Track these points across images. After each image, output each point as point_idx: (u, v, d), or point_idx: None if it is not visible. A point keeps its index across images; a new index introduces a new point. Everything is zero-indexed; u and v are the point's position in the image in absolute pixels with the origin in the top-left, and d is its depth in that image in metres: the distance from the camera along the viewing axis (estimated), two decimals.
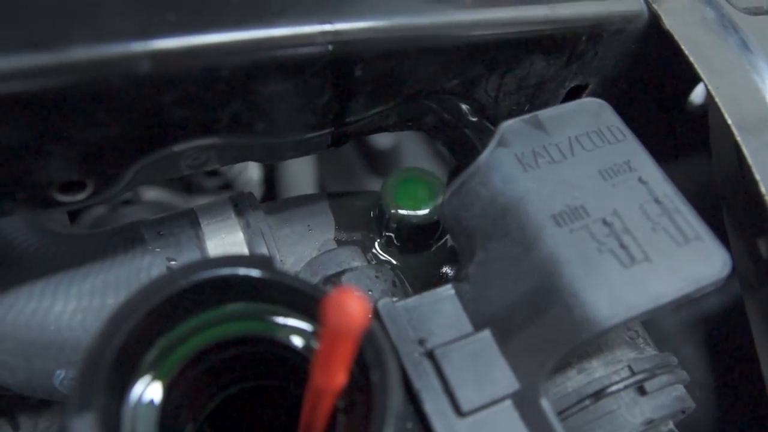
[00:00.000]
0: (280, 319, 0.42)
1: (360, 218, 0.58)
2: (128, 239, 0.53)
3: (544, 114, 0.49)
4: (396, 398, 0.37)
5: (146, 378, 0.39)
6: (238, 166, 0.95)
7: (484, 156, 0.47)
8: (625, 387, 0.48)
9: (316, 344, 0.41)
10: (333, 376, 0.35)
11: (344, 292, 0.30)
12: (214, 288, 0.40)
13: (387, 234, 0.56)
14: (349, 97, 0.47)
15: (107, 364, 0.36)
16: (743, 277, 0.59)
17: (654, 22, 0.54)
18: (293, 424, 0.48)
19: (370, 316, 0.32)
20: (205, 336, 0.41)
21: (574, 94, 0.57)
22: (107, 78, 0.38)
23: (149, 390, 0.39)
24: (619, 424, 0.47)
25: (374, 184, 1.04)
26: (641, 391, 0.48)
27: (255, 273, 0.39)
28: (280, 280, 0.39)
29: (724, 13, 0.56)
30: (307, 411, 0.39)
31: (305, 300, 0.40)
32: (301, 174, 1.01)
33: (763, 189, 0.50)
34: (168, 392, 0.39)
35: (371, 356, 0.38)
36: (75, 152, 0.41)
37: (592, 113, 0.50)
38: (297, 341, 0.41)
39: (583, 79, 0.56)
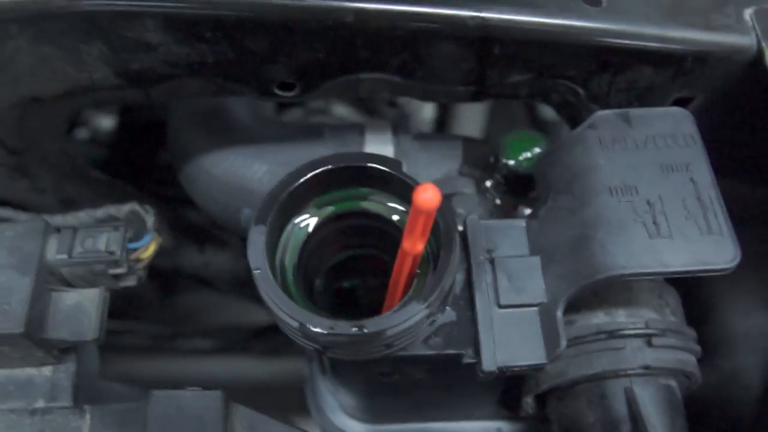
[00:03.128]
0: (391, 204, 0.66)
1: (482, 160, 0.81)
2: (313, 133, 0.81)
3: (634, 111, 0.68)
4: (451, 270, 0.60)
5: (302, 217, 0.66)
6: (415, 104, 1.21)
7: (574, 132, 0.68)
8: (636, 335, 0.67)
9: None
10: (414, 243, 0.58)
11: (429, 184, 0.53)
12: (354, 172, 0.65)
13: (497, 177, 0.79)
14: (487, 67, 0.69)
15: (279, 199, 0.63)
16: None
17: (760, 57, 0.69)
18: (384, 285, 0.73)
19: (440, 202, 0.54)
20: (342, 205, 0.67)
21: (681, 103, 0.74)
22: (324, 20, 0.64)
23: (303, 223, 0.65)
24: (621, 360, 0.67)
25: None
26: (648, 342, 0.67)
27: (382, 167, 0.64)
28: (398, 175, 0.63)
29: None
30: (395, 271, 0.63)
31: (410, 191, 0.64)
32: (467, 126, 1.24)
33: None
34: (314, 230, 0.66)
35: (445, 241, 0.61)
36: (294, 64, 0.67)
37: (674, 119, 0.68)
38: (397, 217, 0.66)
39: (689, 92, 0.73)
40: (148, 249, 0.73)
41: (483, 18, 0.65)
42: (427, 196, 0.52)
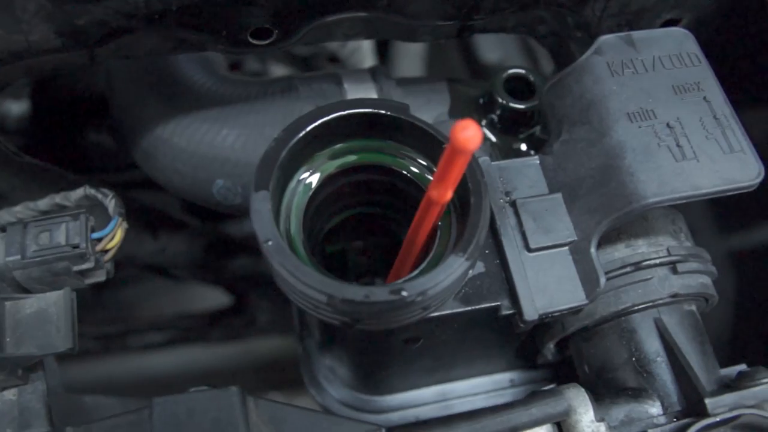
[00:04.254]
0: (405, 155, 0.59)
1: (470, 101, 0.75)
2: (285, 88, 0.72)
3: (637, 34, 0.64)
4: (485, 216, 0.54)
5: (304, 174, 0.58)
6: (356, 58, 1.14)
7: (581, 60, 0.63)
8: (661, 263, 0.64)
9: (428, 175, 0.59)
10: (444, 190, 0.52)
11: (468, 120, 0.47)
12: (361, 121, 0.57)
13: (491, 116, 0.73)
14: None
15: (280, 158, 0.55)
16: None
17: None
18: (385, 256, 0.66)
19: (481, 141, 0.48)
20: (350, 158, 0.59)
21: (669, 25, 0.72)
22: None
23: (308, 179, 0.57)
24: (650, 291, 0.64)
25: None
26: (674, 269, 0.64)
27: (395, 113, 0.57)
28: (413, 122, 0.57)
29: None
30: (416, 221, 0.56)
31: (428, 141, 0.57)
32: (408, 73, 1.18)
33: None
34: (318, 186, 0.58)
35: (473, 185, 0.55)
36: (274, 4, 0.59)
37: (677, 40, 0.65)
38: (413, 170, 0.59)
39: (678, 13, 0.70)
40: (114, 237, 0.63)
41: None
42: (469, 133, 0.46)
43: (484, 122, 0.74)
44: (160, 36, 0.61)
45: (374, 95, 0.72)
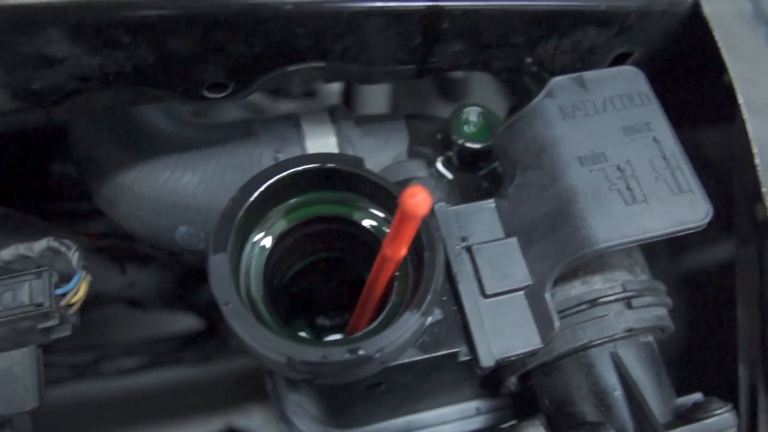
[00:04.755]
0: (361, 206, 0.61)
1: (429, 138, 0.76)
2: (244, 132, 0.73)
3: (587, 75, 0.66)
4: (439, 271, 0.55)
5: (260, 233, 0.59)
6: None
7: (533, 104, 0.64)
8: (616, 300, 0.66)
9: (385, 227, 0.60)
10: (398, 249, 0.53)
11: (417, 187, 0.48)
12: (315, 175, 0.59)
13: (448, 154, 0.75)
14: (434, 42, 0.64)
15: (237, 220, 0.56)
16: (741, 234, 0.76)
17: (696, 7, 0.69)
18: (350, 292, 0.68)
19: (431, 207, 0.49)
20: (303, 212, 0.61)
21: (620, 59, 0.73)
22: (261, 11, 0.56)
23: (262, 242, 0.59)
24: (606, 327, 0.66)
25: (441, 108, 1.20)
26: (628, 305, 0.66)
27: (348, 168, 0.58)
28: (367, 176, 0.58)
29: (760, 6, 0.71)
30: (372, 275, 0.58)
31: (383, 194, 0.58)
32: (376, 92, 1.19)
33: (757, 161, 0.66)
34: (273, 246, 0.59)
35: (427, 240, 0.56)
36: (227, 62, 0.59)
37: (627, 79, 0.66)
38: (370, 223, 0.60)
39: (629, 47, 0.71)
40: (78, 291, 0.64)
41: None
42: (418, 200, 0.47)
43: (441, 159, 0.75)
44: (116, 93, 0.61)
45: (333, 136, 0.73)
